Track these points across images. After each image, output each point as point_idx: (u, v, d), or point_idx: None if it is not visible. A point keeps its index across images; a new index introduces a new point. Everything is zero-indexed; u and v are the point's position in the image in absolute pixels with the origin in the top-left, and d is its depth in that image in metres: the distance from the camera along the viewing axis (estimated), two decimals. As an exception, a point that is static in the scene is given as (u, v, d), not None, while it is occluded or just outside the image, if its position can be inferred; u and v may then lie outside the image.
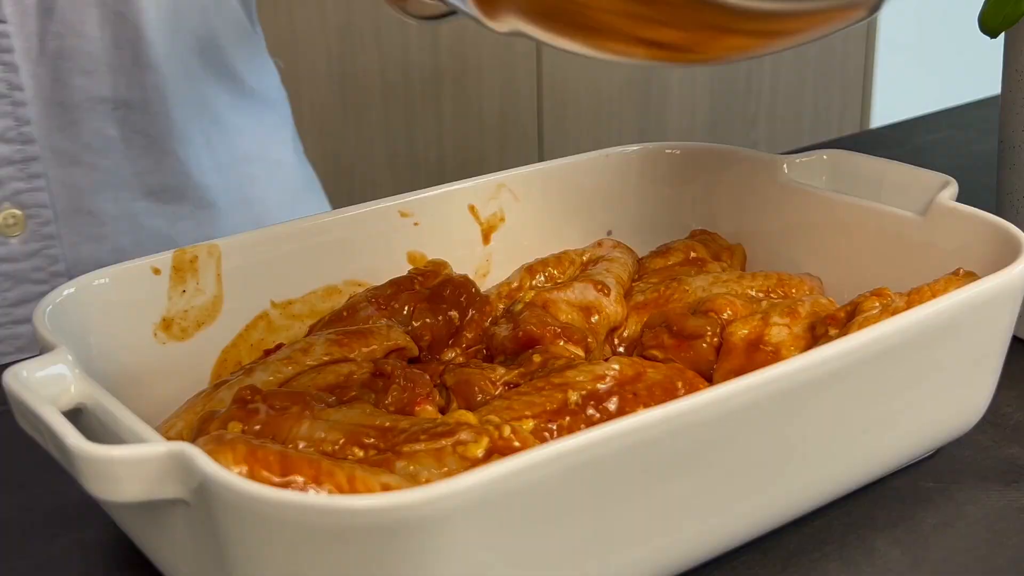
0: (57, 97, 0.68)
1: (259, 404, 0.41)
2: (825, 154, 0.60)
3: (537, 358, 0.47)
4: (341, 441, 0.40)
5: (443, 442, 0.38)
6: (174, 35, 0.72)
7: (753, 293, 0.54)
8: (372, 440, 0.40)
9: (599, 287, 0.54)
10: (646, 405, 0.43)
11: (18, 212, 0.68)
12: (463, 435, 0.39)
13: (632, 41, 0.40)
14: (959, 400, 0.48)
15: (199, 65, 0.74)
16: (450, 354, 0.53)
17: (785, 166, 0.60)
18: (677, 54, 0.43)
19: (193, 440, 0.40)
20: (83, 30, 0.67)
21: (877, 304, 0.48)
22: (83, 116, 0.69)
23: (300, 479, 0.36)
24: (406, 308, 0.53)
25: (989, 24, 0.57)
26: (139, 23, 0.69)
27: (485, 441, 0.38)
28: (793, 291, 0.55)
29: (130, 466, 0.34)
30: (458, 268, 0.57)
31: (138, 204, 0.72)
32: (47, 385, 0.39)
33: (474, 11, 0.40)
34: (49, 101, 0.68)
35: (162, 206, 0.73)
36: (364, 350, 0.49)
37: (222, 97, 0.76)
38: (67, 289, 0.46)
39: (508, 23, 0.41)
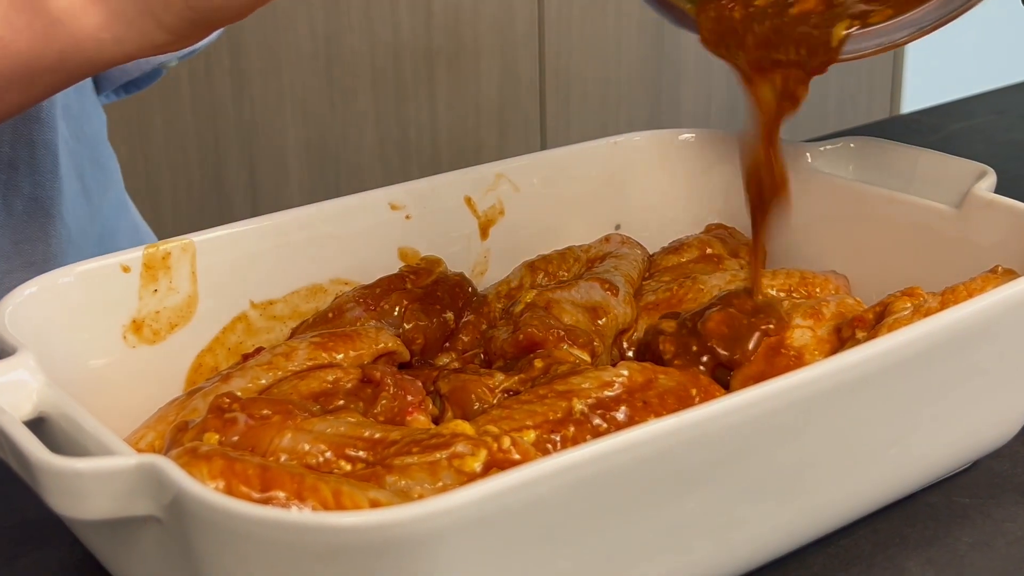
0: None
1: (237, 413, 0.41)
2: (852, 142, 0.60)
3: (539, 363, 0.47)
4: (326, 453, 0.40)
5: (437, 455, 0.38)
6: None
7: (774, 292, 0.54)
8: (360, 452, 0.40)
9: (606, 286, 0.54)
10: (657, 414, 0.43)
11: None
12: (459, 447, 0.39)
13: None
14: (997, 409, 0.48)
15: (69, 110, 0.71)
16: (444, 359, 0.53)
17: (809, 155, 0.60)
18: None
19: (165, 452, 0.40)
20: None
21: (908, 305, 0.48)
22: None
23: (282, 494, 0.36)
24: (397, 309, 0.53)
25: (1030, 1, 0.57)
26: None
27: (483, 453, 0.38)
28: (817, 290, 0.55)
29: (97, 480, 0.34)
30: (453, 265, 0.57)
31: (15, 276, 0.67)
32: (7, 392, 0.39)
33: None
34: None
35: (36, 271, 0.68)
36: (351, 354, 0.49)
37: (84, 152, 0.73)
38: (29, 288, 0.46)
39: None
